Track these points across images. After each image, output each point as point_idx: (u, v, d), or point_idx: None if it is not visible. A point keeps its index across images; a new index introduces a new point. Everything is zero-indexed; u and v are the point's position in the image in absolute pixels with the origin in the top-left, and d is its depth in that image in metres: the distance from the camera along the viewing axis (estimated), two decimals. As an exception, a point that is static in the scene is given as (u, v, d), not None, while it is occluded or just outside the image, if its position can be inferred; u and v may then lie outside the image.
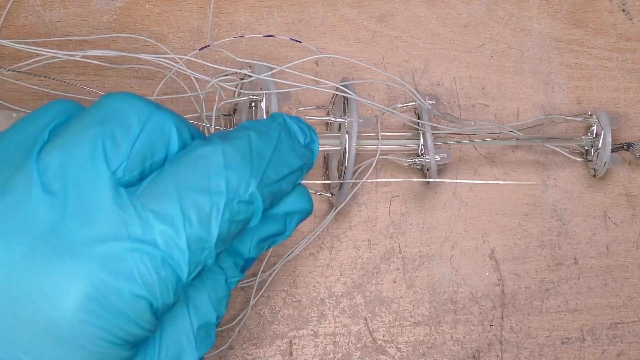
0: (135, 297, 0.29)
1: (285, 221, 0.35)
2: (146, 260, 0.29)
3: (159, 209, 0.29)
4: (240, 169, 0.31)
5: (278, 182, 0.33)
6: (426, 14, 0.52)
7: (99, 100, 0.31)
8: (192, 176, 0.30)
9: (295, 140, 0.35)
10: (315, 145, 0.36)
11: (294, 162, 0.34)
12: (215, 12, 0.50)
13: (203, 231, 0.30)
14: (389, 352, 0.48)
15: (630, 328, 0.50)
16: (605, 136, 0.48)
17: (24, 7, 0.49)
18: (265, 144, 0.33)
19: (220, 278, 0.34)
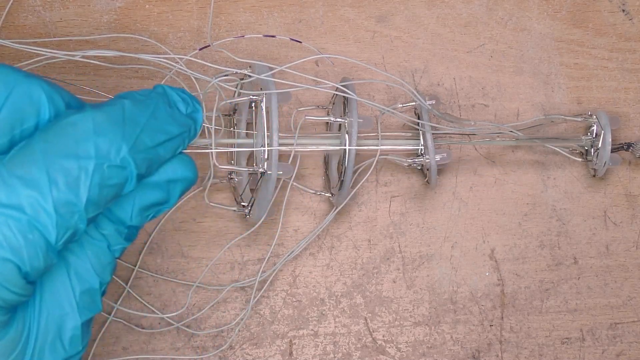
0: (3, 260, 0.29)
1: (168, 189, 0.35)
2: (11, 224, 0.29)
3: (24, 174, 0.30)
4: (111, 134, 0.31)
5: (154, 147, 0.33)
6: (426, 14, 0.52)
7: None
8: (61, 142, 0.31)
9: (175, 108, 0.35)
10: (199, 115, 0.36)
11: (172, 129, 0.34)
12: (215, 12, 0.50)
13: (71, 195, 0.30)
14: (389, 352, 0.48)
15: (630, 328, 0.50)
16: (605, 136, 0.48)
17: (24, 7, 0.49)
18: (140, 111, 0.33)
19: (102, 245, 0.34)
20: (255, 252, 0.48)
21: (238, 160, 0.48)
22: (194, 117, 0.36)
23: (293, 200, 0.49)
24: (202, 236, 0.48)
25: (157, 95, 0.35)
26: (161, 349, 0.47)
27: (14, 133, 0.31)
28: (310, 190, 0.48)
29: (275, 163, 0.41)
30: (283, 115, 0.49)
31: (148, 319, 0.47)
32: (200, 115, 0.36)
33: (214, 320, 0.48)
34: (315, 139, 0.45)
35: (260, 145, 0.42)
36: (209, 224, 0.48)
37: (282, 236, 0.48)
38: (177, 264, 0.48)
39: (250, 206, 0.44)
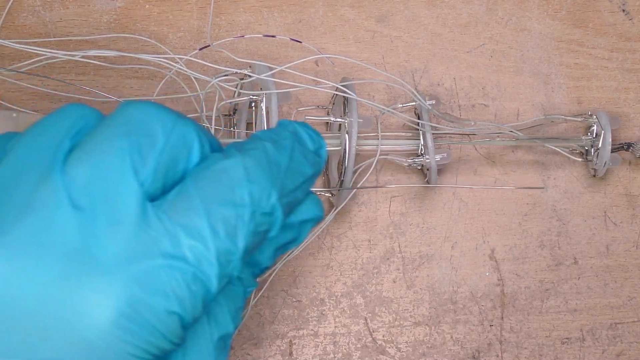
0: (168, 313, 0.29)
1: (300, 229, 0.35)
2: (178, 276, 0.29)
3: (187, 224, 0.29)
4: (261, 180, 0.31)
5: (294, 191, 0.33)
6: (426, 14, 0.52)
7: (120, 109, 0.31)
8: (217, 189, 0.30)
9: (306, 147, 0.35)
10: (323, 151, 0.36)
11: (307, 170, 0.34)
12: (215, 12, 0.50)
13: (230, 244, 0.30)
14: (389, 352, 0.48)
15: (630, 328, 0.50)
16: (605, 136, 0.48)
17: (24, 7, 0.49)
18: (280, 154, 0.33)
19: (238, 289, 0.34)
20: (255, 252, 0.48)
21: (238, 160, 0.48)
22: (320, 154, 0.36)
23: (293, 200, 0.49)
24: (202, 236, 0.48)
25: (290, 134, 0.34)
26: (161, 349, 0.47)
27: (168, 177, 0.30)
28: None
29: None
30: (283, 115, 0.49)
31: (148, 319, 0.47)
32: (325, 151, 0.36)
33: (214, 320, 0.48)
34: (315, 139, 0.45)
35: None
36: (209, 224, 0.48)
37: (282, 236, 0.48)
38: (177, 264, 0.48)
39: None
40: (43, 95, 0.47)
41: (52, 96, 0.47)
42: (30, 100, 0.48)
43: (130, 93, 0.48)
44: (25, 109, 0.47)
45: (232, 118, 0.48)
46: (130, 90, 0.48)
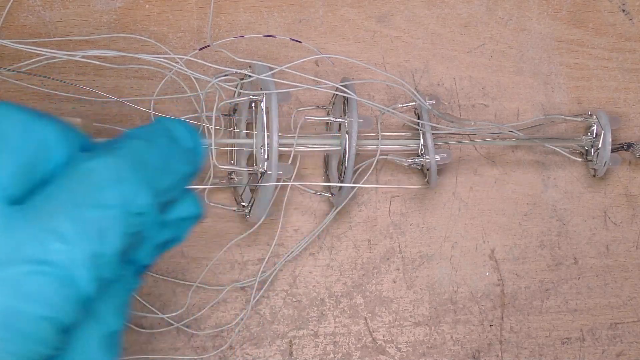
0: (41, 318, 0.28)
1: (179, 227, 0.35)
2: (47, 281, 0.28)
3: (53, 227, 0.28)
4: (131, 180, 0.31)
5: (168, 190, 0.33)
6: (426, 14, 0.52)
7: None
8: (84, 191, 0.30)
9: (181, 145, 0.35)
10: (200, 149, 0.36)
11: (181, 168, 0.34)
12: (215, 12, 0.50)
13: (100, 246, 0.29)
14: (389, 352, 0.48)
15: (630, 328, 0.50)
16: (605, 136, 0.48)
17: (24, 7, 0.49)
18: (152, 152, 0.32)
19: (119, 287, 0.34)
20: (255, 252, 0.48)
21: (238, 160, 0.48)
22: (197, 152, 0.35)
23: (293, 200, 0.49)
24: (202, 236, 0.48)
25: (162, 132, 0.34)
26: (161, 349, 0.47)
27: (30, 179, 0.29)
28: (310, 190, 0.48)
29: (275, 163, 0.41)
30: (283, 115, 0.49)
31: (148, 319, 0.47)
32: (202, 149, 0.36)
33: (214, 321, 0.48)
34: (315, 139, 0.45)
35: (260, 145, 0.42)
36: (209, 224, 0.48)
37: (282, 236, 0.48)
38: (177, 264, 0.48)
39: (250, 206, 0.44)
40: (43, 95, 0.47)
41: (52, 96, 0.47)
42: (30, 100, 0.48)
43: (130, 93, 0.48)
44: (25, 109, 0.47)
45: (232, 118, 0.48)
46: (130, 90, 0.48)
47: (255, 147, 0.44)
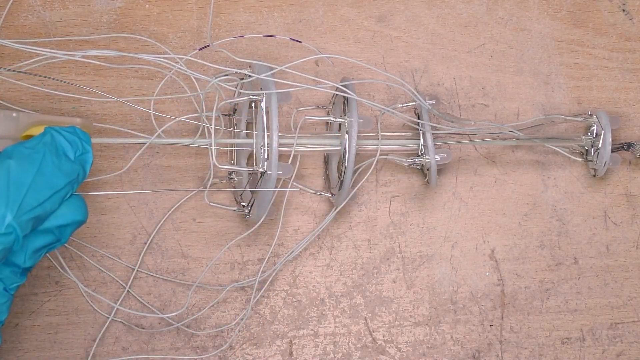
0: None
1: (59, 232, 0.37)
2: None
3: None
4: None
5: (40, 205, 0.34)
6: (426, 14, 0.52)
7: None
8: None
9: (63, 157, 0.36)
10: (88, 156, 0.37)
11: (58, 181, 0.35)
12: (215, 12, 0.50)
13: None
14: (389, 352, 0.48)
15: (630, 328, 0.50)
16: (605, 136, 0.48)
17: (24, 7, 0.49)
18: (25, 170, 0.34)
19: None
20: (255, 252, 0.48)
21: (238, 160, 0.48)
22: (84, 159, 0.37)
23: (293, 200, 0.49)
24: (202, 236, 0.48)
25: (44, 145, 0.35)
26: (161, 349, 0.47)
27: None
28: (310, 190, 0.48)
29: (275, 163, 0.41)
30: (283, 115, 0.49)
31: (148, 319, 0.47)
32: (90, 155, 0.37)
33: (214, 320, 0.48)
34: (315, 139, 0.45)
35: (260, 145, 0.42)
36: (209, 224, 0.48)
37: (282, 236, 0.48)
38: (177, 264, 0.48)
39: (250, 206, 0.44)
40: (43, 95, 0.47)
41: (52, 96, 0.47)
42: (30, 100, 0.48)
43: (130, 93, 0.48)
44: (25, 109, 0.47)
45: (232, 118, 0.48)
46: (130, 90, 0.48)
47: (255, 147, 0.44)
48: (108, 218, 0.47)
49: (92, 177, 0.47)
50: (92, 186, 0.47)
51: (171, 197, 0.48)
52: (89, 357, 0.46)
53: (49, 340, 0.46)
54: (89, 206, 0.47)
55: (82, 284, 0.46)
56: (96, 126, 0.47)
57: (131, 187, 0.48)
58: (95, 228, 0.47)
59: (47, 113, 0.47)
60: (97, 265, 0.47)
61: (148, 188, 0.48)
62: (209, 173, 0.46)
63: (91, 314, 0.47)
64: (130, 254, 0.47)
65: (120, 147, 0.48)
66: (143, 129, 0.48)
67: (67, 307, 0.46)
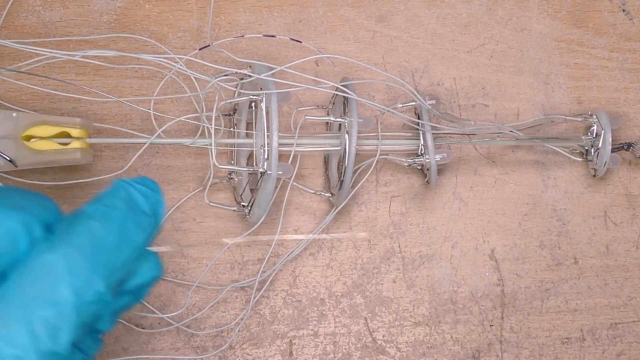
0: None
1: (138, 291, 0.36)
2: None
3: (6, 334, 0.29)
4: (84, 271, 0.31)
5: (125, 264, 0.33)
6: (426, 14, 0.52)
7: None
8: (37, 289, 0.30)
9: (139, 212, 0.34)
10: (160, 207, 0.36)
11: (138, 238, 0.34)
12: (215, 12, 0.50)
13: (53, 344, 0.30)
14: (389, 352, 0.48)
15: (630, 328, 0.50)
16: (605, 136, 0.48)
17: (24, 7, 0.49)
18: (108, 231, 0.33)
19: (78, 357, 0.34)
20: (255, 252, 0.48)
21: (238, 160, 0.48)
22: (157, 211, 0.35)
23: (293, 200, 0.49)
24: (202, 236, 0.48)
25: (121, 201, 0.34)
26: (161, 349, 0.47)
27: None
28: (310, 190, 0.48)
29: (275, 163, 0.41)
30: (283, 115, 0.49)
31: (148, 319, 0.47)
32: (162, 207, 0.36)
33: (214, 320, 0.48)
34: (315, 139, 0.45)
35: (260, 145, 0.42)
36: (209, 224, 0.48)
37: (282, 236, 0.48)
38: (177, 264, 0.48)
39: (250, 206, 0.44)
40: (43, 95, 0.47)
41: (52, 96, 0.47)
42: (30, 100, 0.48)
43: (130, 93, 0.48)
44: (25, 109, 0.47)
45: (232, 118, 0.48)
46: (130, 90, 0.48)
47: (255, 147, 0.44)
48: (108, 218, 0.47)
49: (92, 177, 0.47)
50: (92, 186, 0.47)
51: (171, 197, 0.48)
52: (89, 357, 0.46)
53: (49, 340, 0.46)
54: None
55: (82, 284, 0.46)
56: (96, 126, 0.47)
57: (131, 187, 0.48)
58: (95, 228, 0.47)
59: (47, 113, 0.47)
60: (97, 265, 0.47)
61: (148, 188, 0.48)
62: (209, 173, 0.46)
63: (91, 314, 0.47)
64: (130, 254, 0.47)
65: (120, 147, 0.48)
66: (143, 129, 0.48)
67: (67, 307, 0.46)
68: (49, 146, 0.42)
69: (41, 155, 0.42)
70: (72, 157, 0.42)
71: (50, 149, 0.42)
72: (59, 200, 0.47)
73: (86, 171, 0.47)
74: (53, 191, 0.47)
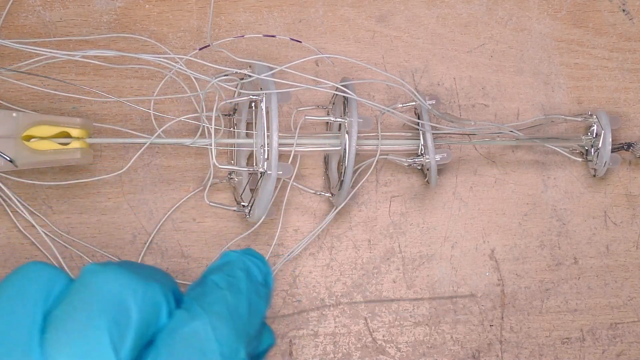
0: None
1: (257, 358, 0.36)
2: None
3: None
4: (229, 339, 0.32)
5: (255, 334, 0.34)
6: (426, 14, 0.52)
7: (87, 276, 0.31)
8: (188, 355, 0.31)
9: (258, 283, 0.35)
10: (270, 277, 0.37)
11: (262, 308, 0.35)
12: (215, 12, 0.50)
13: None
14: (389, 352, 0.48)
15: (630, 328, 0.50)
16: (605, 136, 0.48)
17: (24, 7, 0.49)
18: (239, 301, 0.33)
19: None
20: (255, 252, 0.48)
21: (238, 160, 0.48)
22: (268, 283, 0.36)
23: (293, 200, 0.49)
24: (202, 236, 0.48)
25: (242, 273, 0.35)
26: (161, 349, 0.47)
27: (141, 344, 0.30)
28: (310, 190, 0.48)
29: (275, 163, 0.41)
30: (283, 115, 0.49)
31: (148, 319, 0.47)
32: (272, 278, 0.37)
33: (214, 320, 0.48)
34: (315, 139, 0.45)
35: (260, 145, 0.42)
36: (209, 224, 0.48)
37: (282, 236, 0.48)
38: (177, 264, 0.48)
39: (250, 206, 0.44)
40: (43, 95, 0.47)
41: (52, 96, 0.47)
42: (30, 100, 0.48)
43: (130, 93, 0.48)
44: (25, 109, 0.47)
45: (232, 118, 0.48)
46: (130, 90, 0.48)
47: (255, 147, 0.44)
48: (108, 218, 0.47)
49: (92, 177, 0.47)
50: (92, 186, 0.47)
51: (171, 197, 0.48)
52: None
53: (49, 340, 0.46)
54: (89, 206, 0.47)
55: (82, 284, 0.46)
56: (96, 126, 0.47)
57: (131, 187, 0.48)
58: (95, 228, 0.47)
59: (47, 113, 0.47)
60: (97, 265, 0.47)
61: (148, 188, 0.48)
62: (209, 173, 0.46)
63: (91, 314, 0.47)
64: (130, 254, 0.47)
65: (120, 147, 0.48)
66: (143, 129, 0.48)
67: (67, 307, 0.46)
68: (49, 146, 0.42)
69: (41, 155, 0.42)
70: (72, 157, 0.42)
71: (50, 149, 0.42)
72: (59, 200, 0.47)
73: (86, 171, 0.47)
74: (53, 191, 0.47)
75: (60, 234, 0.47)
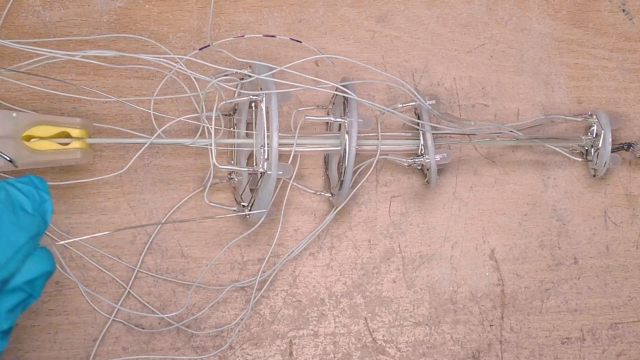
0: None
1: (30, 287, 0.35)
2: None
3: None
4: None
5: (3, 267, 0.33)
6: (426, 14, 0.52)
7: None
8: None
9: (21, 212, 0.34)
10: (47, 205, 0.35)
11: (19, 239, 0.34)
12: (215, 12, 0.50)
13: None
14: (389, 352, 0.48)
15: (630, 328, 0.50)
16: (605, 136, 0.48)
17: (24, 7, 0.49)
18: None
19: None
20: (255, 252, 0.48)
21: (238, 160, 0.48)
22: (43, 210, 0.35)
23: (293, 200, 0.49)
24: (202, 236, 0.48)
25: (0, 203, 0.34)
26: (161, 349, 0.47)
27: None
28: (310, 190, 0.48)
29: (275, 163, 0.41)
30: (283, 115, 0.49)
31: (148, 318, 0.47)
32: (49, 204, 0.35)
33: (214, 320, 0.48)
34: (315, 139, 0.45)
35: (260, 145, 0.42)
36: (209, 224, 0.48)
37: (282, 236, 0.48)
38: (177, 264, 0.48)
39: (250, 206, 0.44)
40: (43, 95, 0.47)
41: (52, 96, 0.47)
42: (30, 100, 0.48)
43: (130, 93, 0.48)
44: (25, 109, 0.47)
45: (232, 118, 0.48)
46: (130, 90, 0.48)
47: (255, 147, 0.44)
48: (108, 218, 0.47)
49: (93, 177, 0.47)
50: (92, 186, 0.47)
51: (171, 197, 0.48)
52: (90, 358, 0.46)
53: (49, 340, 0.46)
54: (90, 206, 0.47)
55: (82, 284, 0.46)
56: (96, 126, 0.47)
57: (131, 187, 0.48)
58: (95, 228, 0.47)
59: (47, 113, 0.47)
60: (97, 265, 0.47)
61: (148, 188, 0.48)
62: (209, 173, 0.46)
63: (91, 314, 0.47)
64: (130, 254, 0.47)
65: (120, 147, 0.48)
66: (143, 129, 0.48)
67: (67, 307, 0.46)
68: (49, 146, 0.42)
69: (41, 155, 0.42)
70: (72, 157, 0.42)
71: (50, 149, 0.42)
72: (59, 200, 0.47)
73: (86, 171, 0.47)
74: (53, 191, 0.47)
75: (60, 233, 0.47)
